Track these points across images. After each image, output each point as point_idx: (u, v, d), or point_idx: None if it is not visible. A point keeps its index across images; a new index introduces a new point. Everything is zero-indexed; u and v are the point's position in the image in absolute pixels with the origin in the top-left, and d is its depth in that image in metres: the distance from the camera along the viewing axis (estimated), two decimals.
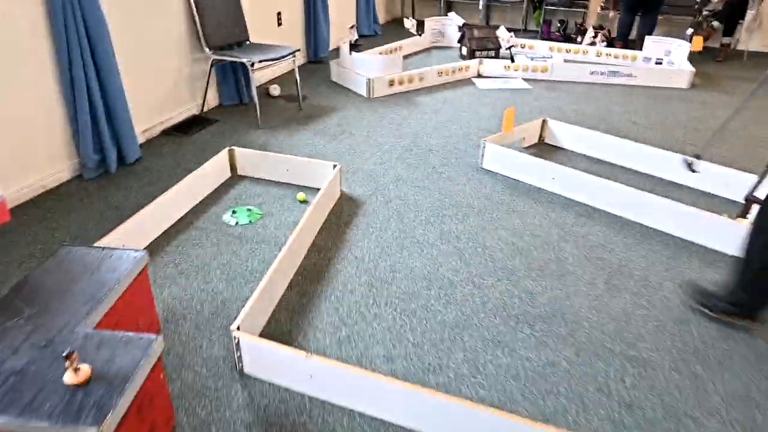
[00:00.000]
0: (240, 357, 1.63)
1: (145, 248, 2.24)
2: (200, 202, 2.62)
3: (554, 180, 2.78)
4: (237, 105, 3.92)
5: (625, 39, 5.52)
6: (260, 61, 3.37)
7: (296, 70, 3.80)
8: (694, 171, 2.69)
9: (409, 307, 1.96)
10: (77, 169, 2.82)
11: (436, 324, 1.88)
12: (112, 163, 2.85)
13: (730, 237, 2.29)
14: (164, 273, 2.09)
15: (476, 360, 1.73)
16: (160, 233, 2.34)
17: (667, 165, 2.95)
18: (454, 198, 2.72)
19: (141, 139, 3.19)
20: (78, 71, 2.59)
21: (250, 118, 3.68)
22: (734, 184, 2.74)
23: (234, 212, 2.51)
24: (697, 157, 2.66)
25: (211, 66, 3.58)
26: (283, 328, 1.84)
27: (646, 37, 5.08)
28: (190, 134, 3.38)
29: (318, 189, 2.75)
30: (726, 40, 5.60)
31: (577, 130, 3.28)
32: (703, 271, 2.19)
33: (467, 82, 4.65)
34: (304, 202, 2.64)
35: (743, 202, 2.45)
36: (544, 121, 3.37)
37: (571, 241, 2.38)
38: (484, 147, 3.00)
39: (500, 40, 4.95)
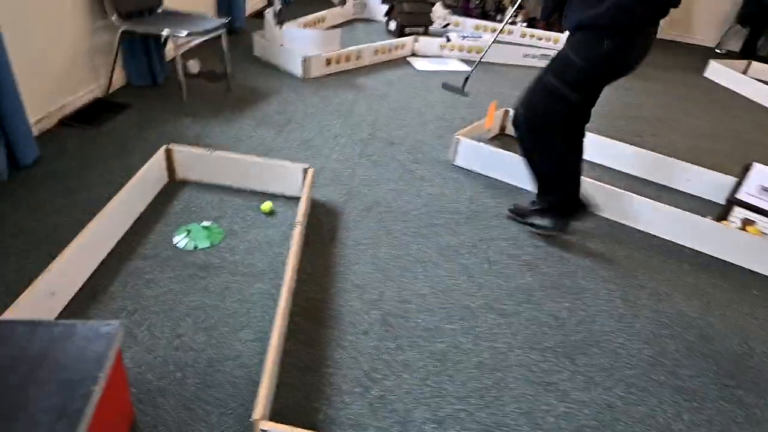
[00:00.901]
0: None
1: (80, 289, 1.69)
2: (138, 218, 2.08)
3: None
4: (150, 86, 3.25)
5: (547, 20, 5.55)
6: (188, 35, 2.77)
7: (224, 44, 3.22)
8: (464, 94, 2.87)
9: (437, 348, 1.68)
10: None
11: (473, 367, 1.62)
12: (2, 168, 2.16)
13: (713, 239, 2.30)
14: None
15: (533, 411, 1.51)
16: (96, 266, 1.80)
17: (635, 162, 2.94)
18: (437, 202, 2.45)
19: (34, 132, 2.48)
20: None
21: (170, 103, 3.06)
22: (709, 183, 2.80)
23: (188, 232, 2.02)
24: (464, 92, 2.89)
25: (120, 38, 2.89)
26: (298, 394, 1.46)
27: None
28: (98, 125, 2.71)
29: (281, 196, 2.32)
30: None
31: None
32: (697, 276, 2.17)
33: (403, 61, 4.34)
34: (271, 213, 2.21)
35: (724, 203, 2.48)
36: (506, 111, 3.20)
37: (572, 251, 2.24)
38: (457, 143, 2.75)
39: (435, 17, 4.68)
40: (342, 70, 3.93)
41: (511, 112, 3.18)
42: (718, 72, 5.12)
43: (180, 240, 1.97)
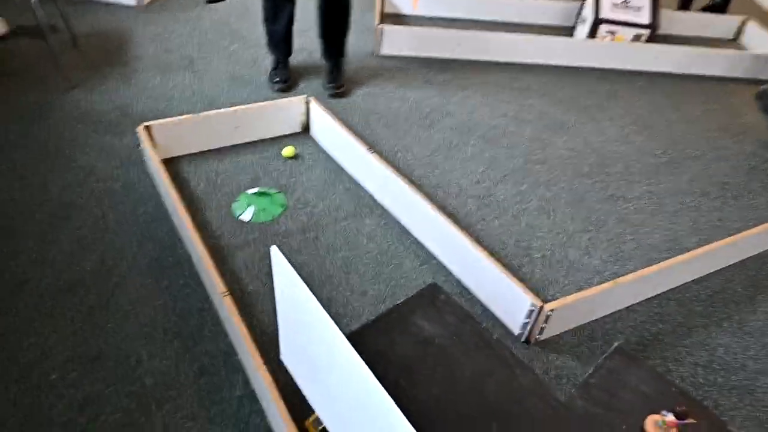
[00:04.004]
0: None
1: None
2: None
3: (460, 46, 2.87)
4: None
5: None
6: None
7: None
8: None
9: (532, 206, 1.98)
10: None
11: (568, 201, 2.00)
12: None
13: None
14: None
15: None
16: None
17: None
18: (411, 97, 2.55)
19: None
20: None
21: (21, 77, 2.34)
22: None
23: (248, 205, 1.81)
24: None
25: None
26: None
27: None
28: None
29: (284, 136, 2.16)
30: None
31: None
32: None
33: None
34: (295, 157, 2.07)
35: (573, 25, 3.11)
36: None
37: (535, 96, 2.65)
38: (382, 33, 2.78)
39: None
40: None
41: None
42: None
43: (248, 215, 1.78)
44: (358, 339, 1.09)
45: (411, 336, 1.10)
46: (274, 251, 0.82)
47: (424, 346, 1.07)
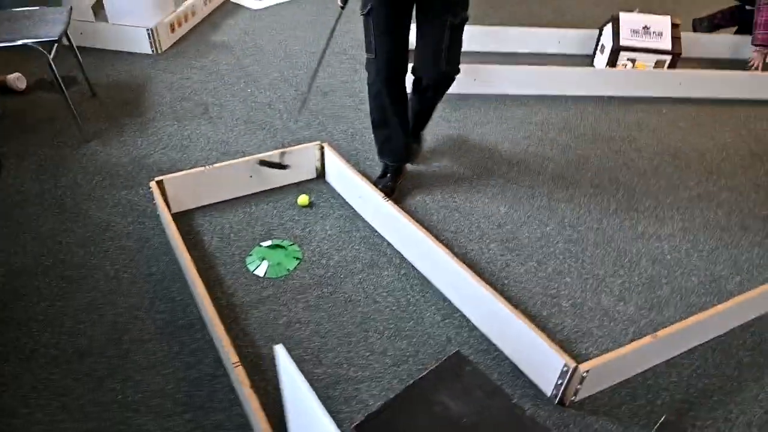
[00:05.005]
0: None
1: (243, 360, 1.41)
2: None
3: (476, 81, 2.82)
4: None
5: None
6: (56, 40, 2.09)
7: (71, 39, 2.50)
8: (283, 166, 2.03)
9: (559, 248, 1.88)
10: None
11: (592, 246, 1.89)
12: None
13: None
14: None
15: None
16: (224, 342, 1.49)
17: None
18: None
19: None
20: None
21: (44, 134, 2.35)
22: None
23: (262, 258, 1.75)
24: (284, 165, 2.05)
25: None
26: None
27: None
28: None
29: (297, 183, 2.11)
30: None
31: None
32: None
33: (230, 5, 3.89)
34: (310, 205, 2.02)
35: (592, 54, 3.03)
36: None
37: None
38: None
39: None
40: (185, 32, 3.39)
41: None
42: None
43: (262, 270, 1.72)
44: (376, 423, 1.01)
45: (435, 416, 1.01)
46: (279, 350, 0.75)
47: (450, 428, 0.98)
